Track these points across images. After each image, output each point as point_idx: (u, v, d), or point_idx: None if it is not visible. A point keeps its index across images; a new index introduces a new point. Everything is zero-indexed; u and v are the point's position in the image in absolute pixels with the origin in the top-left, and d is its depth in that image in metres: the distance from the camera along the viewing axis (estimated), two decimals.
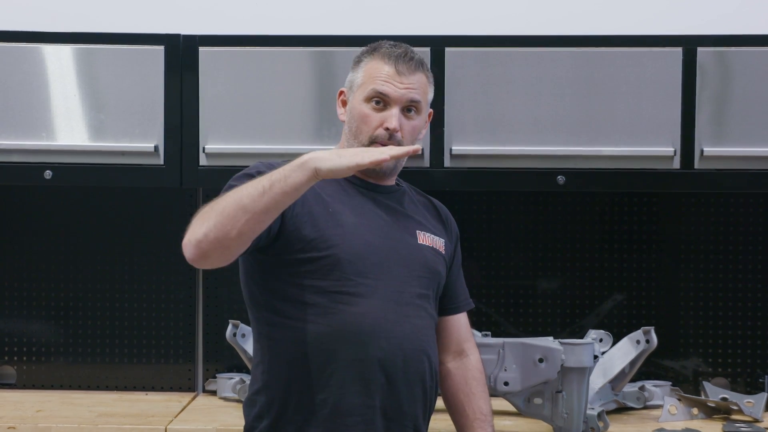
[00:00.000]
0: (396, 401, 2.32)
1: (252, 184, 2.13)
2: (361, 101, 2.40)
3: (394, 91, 2.38)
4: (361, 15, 3.36)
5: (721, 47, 3.04)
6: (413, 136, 2.42)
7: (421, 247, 2.41)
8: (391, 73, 2.39)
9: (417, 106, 2.40)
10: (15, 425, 2.89)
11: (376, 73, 2.39)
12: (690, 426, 2.93)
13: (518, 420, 2.96)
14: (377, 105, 2.38)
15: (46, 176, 3.09)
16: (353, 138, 2.41)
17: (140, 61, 3.09)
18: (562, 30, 3.15)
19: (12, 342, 3.45)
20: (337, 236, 2.31)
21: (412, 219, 2.44)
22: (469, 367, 2.52)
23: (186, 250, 2.19)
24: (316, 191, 2.32)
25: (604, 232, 3.42)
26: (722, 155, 3.04)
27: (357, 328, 2.29)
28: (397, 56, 2.40)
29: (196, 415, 3.08)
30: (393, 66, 2.39)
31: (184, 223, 3.40)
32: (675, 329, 3.38)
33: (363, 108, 2.39)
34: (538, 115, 3.05)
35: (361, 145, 2.38)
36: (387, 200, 2.43)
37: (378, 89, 2.38)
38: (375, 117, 2.38)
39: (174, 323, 3.43)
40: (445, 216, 2.56)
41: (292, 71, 3.07)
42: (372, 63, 2.41)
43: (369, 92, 2.39)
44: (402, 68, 2.39)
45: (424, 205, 2.53)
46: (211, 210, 2.16)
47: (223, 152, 3.08)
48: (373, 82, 2.39)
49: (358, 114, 2.40)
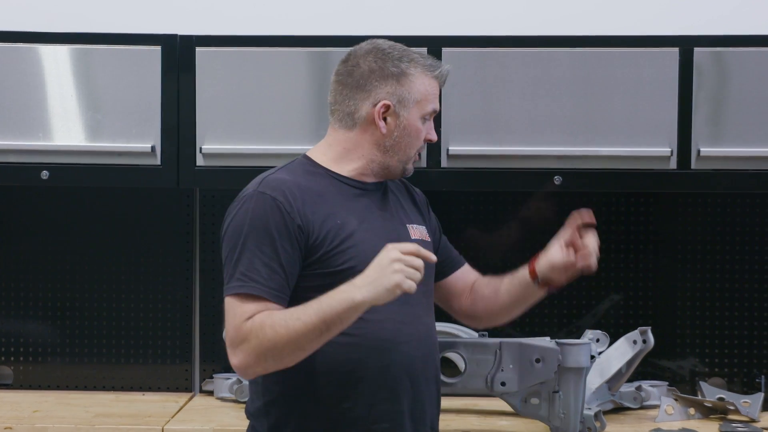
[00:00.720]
0: (419, 403, 2.36)
1: (306, 320, 2.18)
2: (417, 118, 2.40)
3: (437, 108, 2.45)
4: (358, 15, 3.35)
5: (717, 47, 3.04)
6: None
7: (415, 243, 2.40)
8: (437, 88, 2.43)
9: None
10: (12, 425, 2.89)
11: (431, 91, 2.41)
12: (687, 426, 2.94)
13: (515, 420, 2.96)
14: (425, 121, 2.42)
15: (43, 176, 3.09)
16: (400, 151, 2.40)
17: (137, 62, 3.09)
18: (559, 30, 3.15)
19: (8, 342, 3.45)
20: (351, 248, 2.30)
21: (400, 213, 2.46)
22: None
23: (240, 372, 2.27)
24: (318, 205, 2.32)
25: (600, 233, 3.38)
26: (719, 155, 3.04)
27: (379, 336, 2.30)
28: (442, 75, 2.43)
29: (193, 416, 3.08)
30: (441, 83, 2.44)
31: (180, 223, 3.43)
32: (672, 329, 3.38)
33: (419, 125, 2.41)
34: (535, 116, 3.05)
35: (406, 157, 2.41)
36: (377, 198, 2.43)
37: (435, 107, 2.42)
38: (423, 131, 2.42)
39: (171, 323, 3.43)
40: (417, 195, 2.57)
41: (289, 71, 3.07)
42: (424, 80, 2.40)
43: (428, 111, 2.41)
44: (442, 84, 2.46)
45: (400, 191, 2.53)
46: (269, 349, 2.21)
47: (220, 152, 3.07)
48: (431, 100, 2.41)
49: (415, 131, 2.40)
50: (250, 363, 2.22)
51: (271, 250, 2.25)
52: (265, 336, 2.19)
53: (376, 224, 2.37)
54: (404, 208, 2.48)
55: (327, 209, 2.32)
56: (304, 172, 2.38)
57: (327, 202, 2.34)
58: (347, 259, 2.29)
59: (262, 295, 2.23)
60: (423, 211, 2.55)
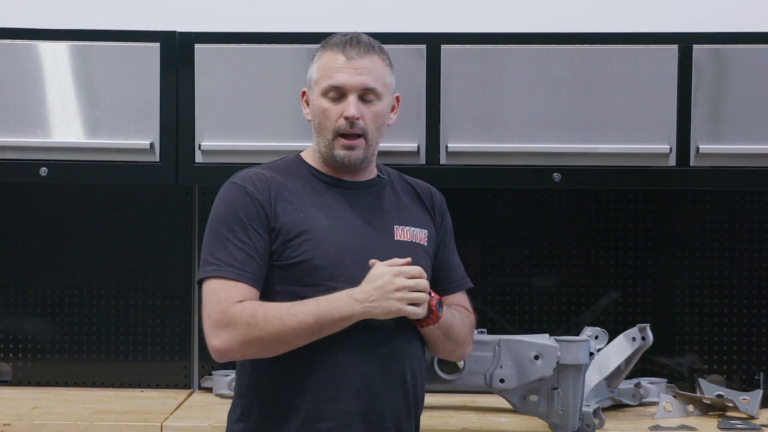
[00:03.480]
0: (376, 405, 2.32)
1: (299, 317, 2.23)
2: (319, 96, 2.40)
3: (348, 80, 2.37)
4: (356, 12, 3.35)
5: (716, 44, 3.04)
6: (377, 123, 2.41)
7: (398, 244, 2.40)
8: (342, 61, 2.38)
9: (374, 93, 2.40)
10: (10, 422, 2.89)
11: (329, 65, 2.39)
12: (685, 423, 2.94)
13: (514, 417, 2.96)
14: (335, 97, 2.38)
15: (42, 173, 3.09)
16: (319, 135, 2.42)
17: (136, 58, 3.08)
18: (557, 27, 3.15)
19: (7, 339, 3.45)
20: (308, 242, 2.31)
21: (389, 214, 2.43)
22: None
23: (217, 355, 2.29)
24: (287, 199, 2.35)
25: (599, 230, 3.42)
26: (718, 153, 3.04)
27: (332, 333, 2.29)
28: (344, 43, 2.40)
29: (191, 412, 3.08)
30: (342, 53, 2.39)
31: (179, 219, 3.43)
32: (671, 326, 3.39)
33: (322, 103, 2.39)
34: (534, 113, 3.05)
35: (326, 140, 2.40)
36: (363, 196, 2.42)
37: (331, 83, 2.38)
38: (334, 110, 2.38)
39: (170, 320, 3.43)
40: (427, 200, 2.54)
41: (288, 68, 3.07)
42: (324, 56, 2.42)
43: (324, 87, 2.39)
44: (351, 53, 2.38)
45: (408, 193, 2.52)
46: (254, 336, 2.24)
47: (219, 149, 3.07)
48: (327, 75, 2.39)
49: (318, 110, 2.40)
50: (233, 348, 2.26)
51: (244, 235, 2.30)
52: (256, 325, 2.23)
53: (351, 222, 2.37)
54: (401, 209, 2.46)
55: (295, 204, 2.35)
56: (286, 169, 2.42)
57: (297, 197, 2.36)
58: (301, 252, 2.31)
59: (240, 279, 2.28)
60: (432, 216, 2.52)
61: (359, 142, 2.39)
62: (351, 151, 2.38)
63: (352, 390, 2.29)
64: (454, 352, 2.50)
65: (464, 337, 2.48)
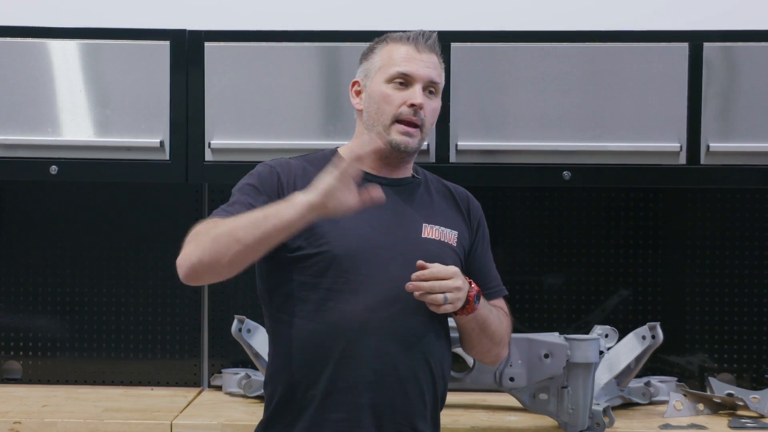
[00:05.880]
0: (387, 399, 2.31)
1: (248, 215, 2.20)
2: (382, 83, 2.38)
3: (417, 69, 2.37)
4: (366, 10, 3.35)
5: (727, 42, 3.03)
6: (433, 118, 2.42)
7: (425, 241, 2.39)
8: (411, 51, 2.38)
9: (436, 88, 2.41)
10: (21, 420, 2.89)
11: (396, 54, 2.38)
12: (695, 422, 2.93)
13: (524, 415, 2.96)
14: (400, 85, 2.37)
15: (52, 171, 3.09)
16: (374, 121, 2.39)
17: (146, 57, 3.09)
18: (567, 25, 3.15)
19: (18, 337, 3.46)
20: (331, 233, 2.31)
21: (420, 212, 2.42)
22: None
23: (180, 269, 2.28)
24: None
25: (609, 228, 3.42)
26: (728, 151, 3.03)
27: (346, 325, 2.29)
28: (414, 36, 2.40)
29: (201, 411, 3.08)
30: (413, 45, 2.39)
31: (189, 218, 3.43)
32: (681, 325, 3.38)
33: (384, 89, 2.38)
34: (544, 111, 3.05)
35: (383, 126, 2.38)
36: (396, 193, 2.42)
37: (401, 70, 2.37)
38: (398, 96, 2.37)
39: (180, 318, 3.43)
40: (463, 204, 2.52)
41: (298, 66, 3.07)
42: (389, 47, 2.41)
43: (392, 73, 2.37)
44: (422, 47, 2.39)
45: (443, 195, 2.50)
46: (206, 234, 2.23)
47: (229, 147, 3.08)
48: (395, 63, 2.37)
49: (380, 95, 2.38)
50: (190, 254, 2.24)
51: (252, 199, 2.31)
52: (209, 225, 2.23)
53: (378, 217, 2.35)
54: (433, 209, 2.45)
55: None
56: (321, 161, 2.40)
57: None
58: (323, 243, 2.30)
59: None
60: (467, 221, 2.50)
61: (416, 131, 2.38)
62: (409, 138, 2.37)
63: (364, 383, 2.29)
64: (490, 351, 2.47)
65: (500, 335, 2.45)
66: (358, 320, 2.29)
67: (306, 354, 2.31)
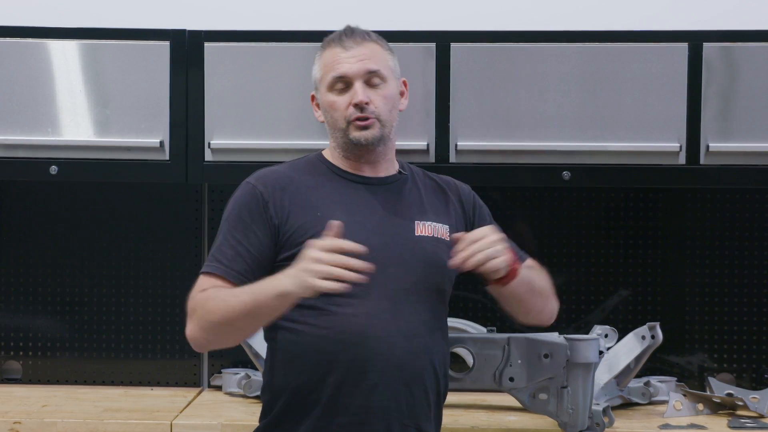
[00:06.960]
0: (395, 401, 2.31)
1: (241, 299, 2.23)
2: (326, 92, 2.42)
3: (349, 68, 2.39)
4: (366, 10, 3.35)
5: (726, 42, 3.03)
6: (388, 105, 2.41)
7: (419, 239, 2.39)
8: (339, 52, 2.41)
9: (380, 74, 2.40)
10: (21, 420, 2.89)
11: (329, 60, 2.41)
12: (695, 422, 2.93)
13: (523, 415, 2.96)
14: (341, 89, 2.40)
15: (52, 171, 3.10)
16: (333, 129, 2.43)
17: (146, 57, 3.09)
18: (567, 25, 3.15)
19: (17, 337, 3.46)
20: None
21: (410, 209, 2.43)
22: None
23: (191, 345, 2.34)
24: (305, 198, 2.36)
25: (609, 228, 3.42)
26: (728, 151, 3.03)
27: (347, 329, 2.29)
28: (339, 36, 2.43)
29: (201, 411, 3.08)
30: (339, 46, 2.41)
31: (189, 218, 3.44)
32: (680, 325, 3.38)
33: (329, 97, 2.41)
34: (544, 111, 3.05)
35: (342, 133, 2.40)
36: (384, 192, 2.42)
37: (335, 74, 2.39)
38: (341, 100, 2.40)
39: (179, 318, 3.43)
40: (453, 193, 2.52)
41: (298, 67, 3.07)
42: (324, 54, 2.44)
43: (329, 81, 2.40)
44: (348, 43, 2.41)
45: (432, 189, 2.51)
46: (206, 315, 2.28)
47: (229, 148, 3.08)
48: (329, 69, 2.41)
49: (328, 104, 2.42)
50: (196, 335, 2.30)
51: (242, 235, 2.34)
52: (207, 308, 2.27)
53: (370, 218, 2.36)
54: (422, 205, 2.45)
55: (313, 202, 2.36)
56: (306, 167, 2.44)
57: (316, 195, 2.37)
58: None
59: (223, 275, 2.32)
60: (462, 208, 2.50)
61: (373, 122, 2.39)
62: (366, 131, 2.38)
63: (370, 386, 2.30)
64: (545, 308, 2.49)
65: (547, 289, 2.49)
66: (362, 324, 2.30)
67: (309, 360, 2.31)
